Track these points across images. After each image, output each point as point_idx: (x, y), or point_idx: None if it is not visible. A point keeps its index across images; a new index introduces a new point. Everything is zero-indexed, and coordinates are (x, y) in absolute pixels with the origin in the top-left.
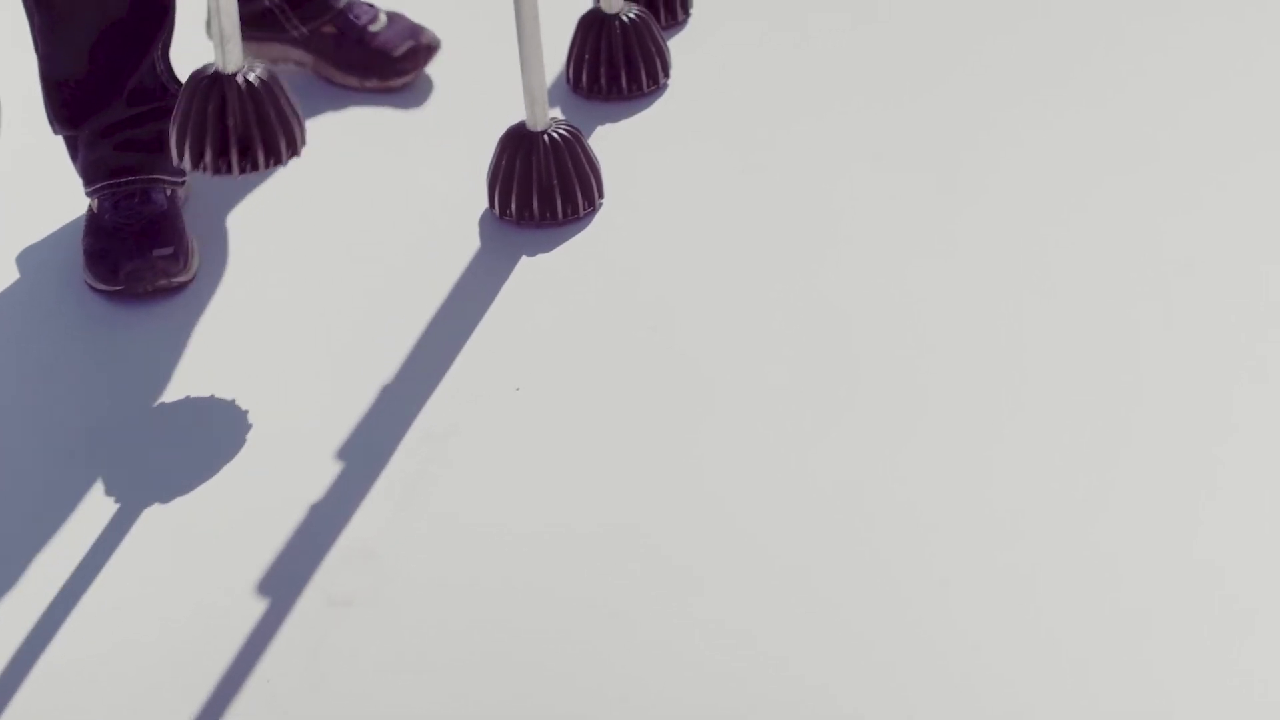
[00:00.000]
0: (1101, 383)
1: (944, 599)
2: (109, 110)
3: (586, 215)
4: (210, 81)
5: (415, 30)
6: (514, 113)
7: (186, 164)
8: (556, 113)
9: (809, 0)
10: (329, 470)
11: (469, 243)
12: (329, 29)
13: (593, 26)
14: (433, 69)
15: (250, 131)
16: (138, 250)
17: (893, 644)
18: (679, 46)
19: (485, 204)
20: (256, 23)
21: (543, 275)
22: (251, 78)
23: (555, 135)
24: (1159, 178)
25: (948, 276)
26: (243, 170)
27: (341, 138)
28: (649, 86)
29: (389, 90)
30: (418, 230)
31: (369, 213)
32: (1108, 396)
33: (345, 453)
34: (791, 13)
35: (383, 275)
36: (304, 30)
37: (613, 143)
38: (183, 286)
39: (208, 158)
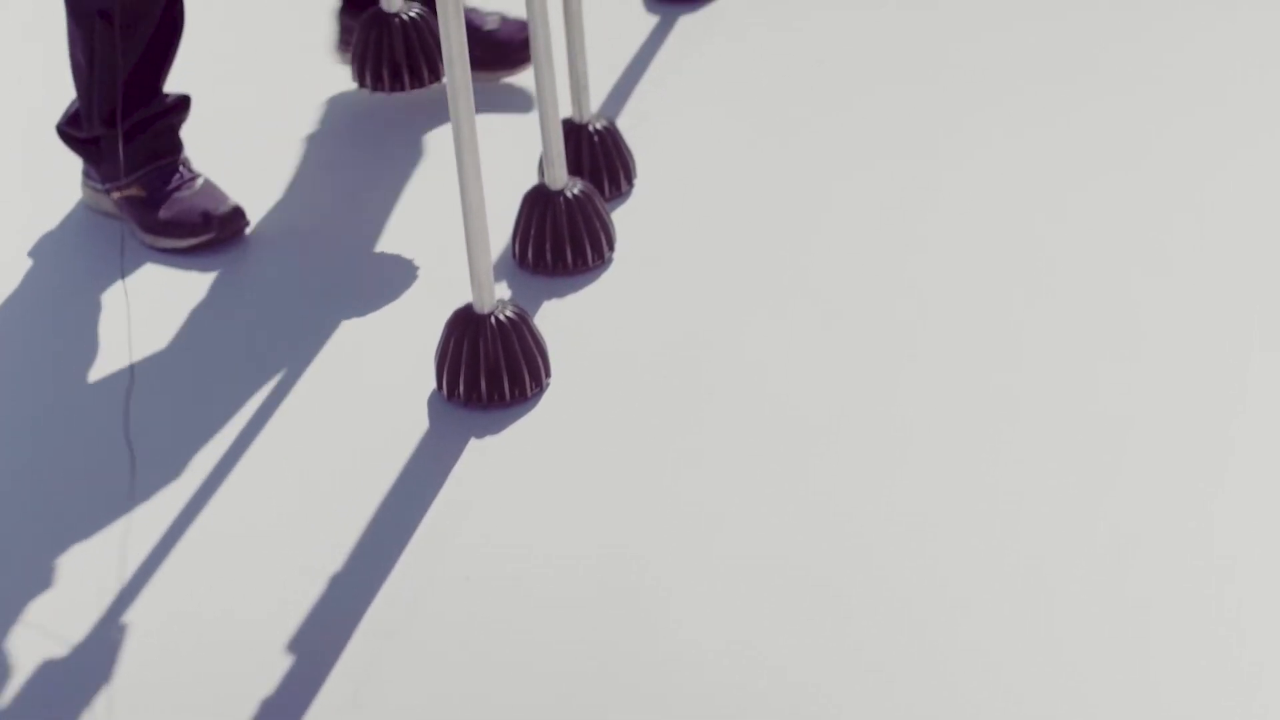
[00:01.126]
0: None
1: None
2: (148, 106)
3: (534, 396)
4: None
5: (523, 24)
6: (461, 293)
7: (368, 83)
8: (503, 288)
9: (751, 168)
10: (278, 667)
11: (417, 425)
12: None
13: (538, 203)
14: (380, 248)
15: (416, 57)
16: (219, 201)
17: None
18: (623, 218)
19: (434, 385)
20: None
21: (491, 458)
22: (407, 17)
23: (502, 318)
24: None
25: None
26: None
27: (287, 322)
28: (594, 261)
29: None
30: (366, 412)
31: (316, 395)
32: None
33: (294, 648)
34: (733, 181)
35: (332, 457)
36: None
37: (559, 320)
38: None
39: (385, 79)
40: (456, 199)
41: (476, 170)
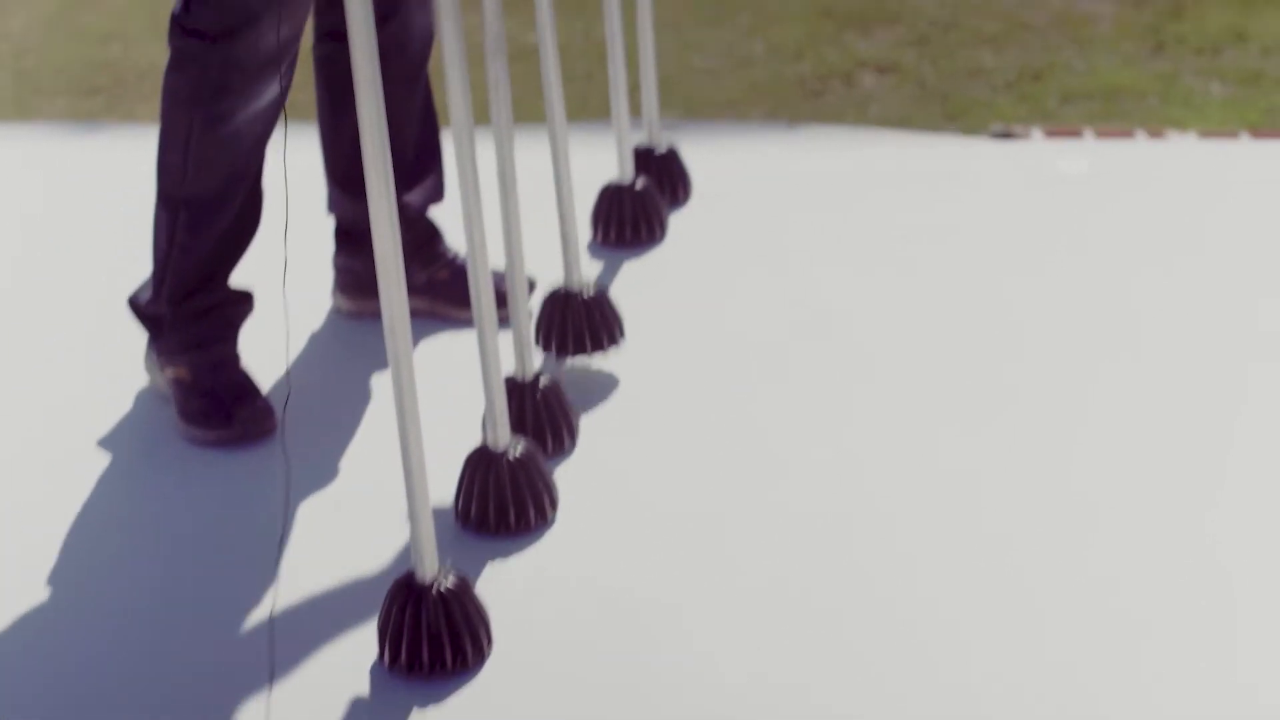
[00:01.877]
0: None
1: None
2: (211, 293)
3: (475, 666)
4: (565, 298)
5: (502, 276)
6: (404, 554)
7: (553, 348)
8: (445, 549)
9: (695, 423)
10: None
11: (359, 696)
12: (443, 274)
13: (480, 465)
14: (323, 520)
15: (582, 340)
16: (249, 399)
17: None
18: (565, 475)
19: (375, 654)
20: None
21: None
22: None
23: (443, 588)
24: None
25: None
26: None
27: (234, 582)
28: (536, 522)
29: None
30: (306, 681)
31: (255, 663)
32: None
33: None
34: (677, 437)
35: None
36: (423, 277)
37: (501, 584)
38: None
39: (570, 346)
40: (399, 470)
41: (418, 439)
